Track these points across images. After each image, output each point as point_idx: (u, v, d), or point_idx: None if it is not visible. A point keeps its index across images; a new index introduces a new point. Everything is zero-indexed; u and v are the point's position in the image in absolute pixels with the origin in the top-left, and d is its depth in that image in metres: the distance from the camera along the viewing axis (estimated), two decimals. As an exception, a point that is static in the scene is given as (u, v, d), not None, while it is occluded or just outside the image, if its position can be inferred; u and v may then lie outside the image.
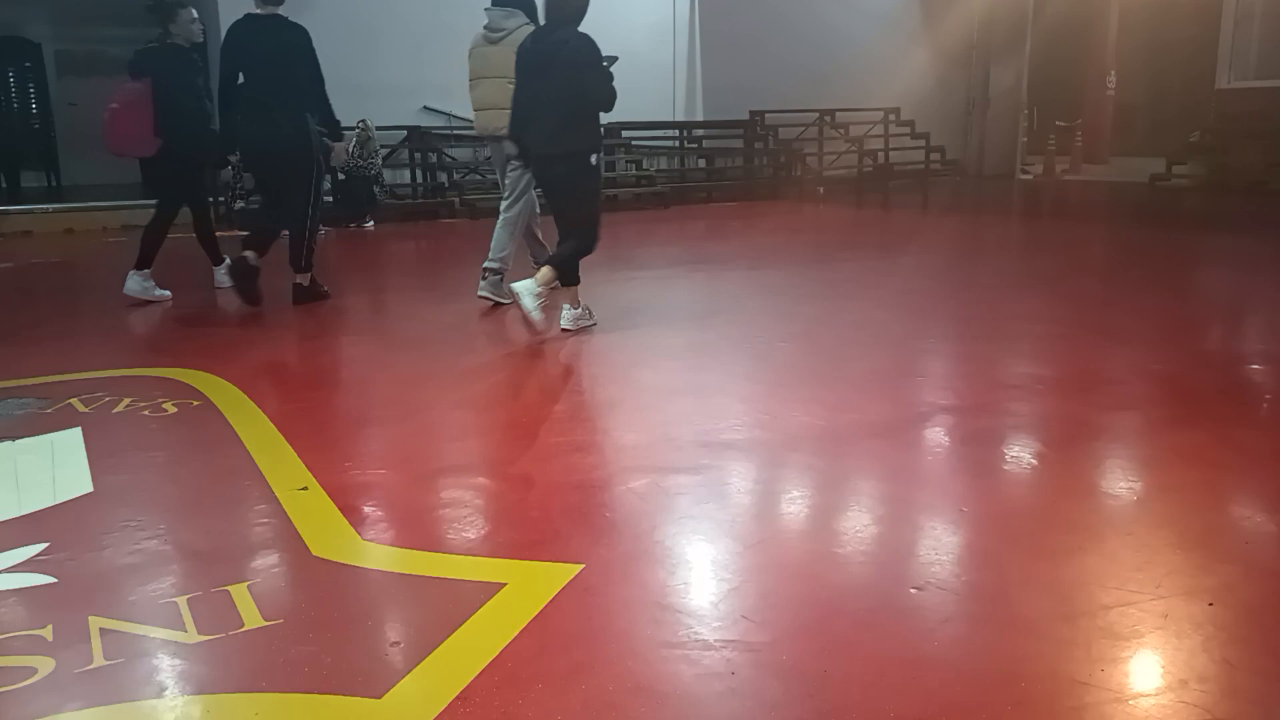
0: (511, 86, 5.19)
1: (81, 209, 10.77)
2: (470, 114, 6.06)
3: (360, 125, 10.54)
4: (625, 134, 12.97)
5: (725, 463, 3.19)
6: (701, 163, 14.20)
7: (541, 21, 5.17)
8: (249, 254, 5.81)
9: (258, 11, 5.66)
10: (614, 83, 4.88)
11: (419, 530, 2.71)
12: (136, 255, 6.36)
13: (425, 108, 11.94)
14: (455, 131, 12.23)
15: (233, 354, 4.81)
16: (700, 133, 14.00)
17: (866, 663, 1.98)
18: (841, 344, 4.98)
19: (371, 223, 10.47)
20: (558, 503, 2.95)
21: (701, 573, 2.43)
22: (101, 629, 2.13)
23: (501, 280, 5.82)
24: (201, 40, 6.45)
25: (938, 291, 6.51)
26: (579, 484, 3.05)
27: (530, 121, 5.04)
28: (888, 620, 2.15)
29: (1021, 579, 2.35)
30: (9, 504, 2.88)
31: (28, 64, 14.02)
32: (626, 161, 13.36)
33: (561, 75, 4.81)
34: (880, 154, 14.42)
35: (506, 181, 5.91)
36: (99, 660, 2.01)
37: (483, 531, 2.72)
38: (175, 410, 3.80)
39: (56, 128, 14.16)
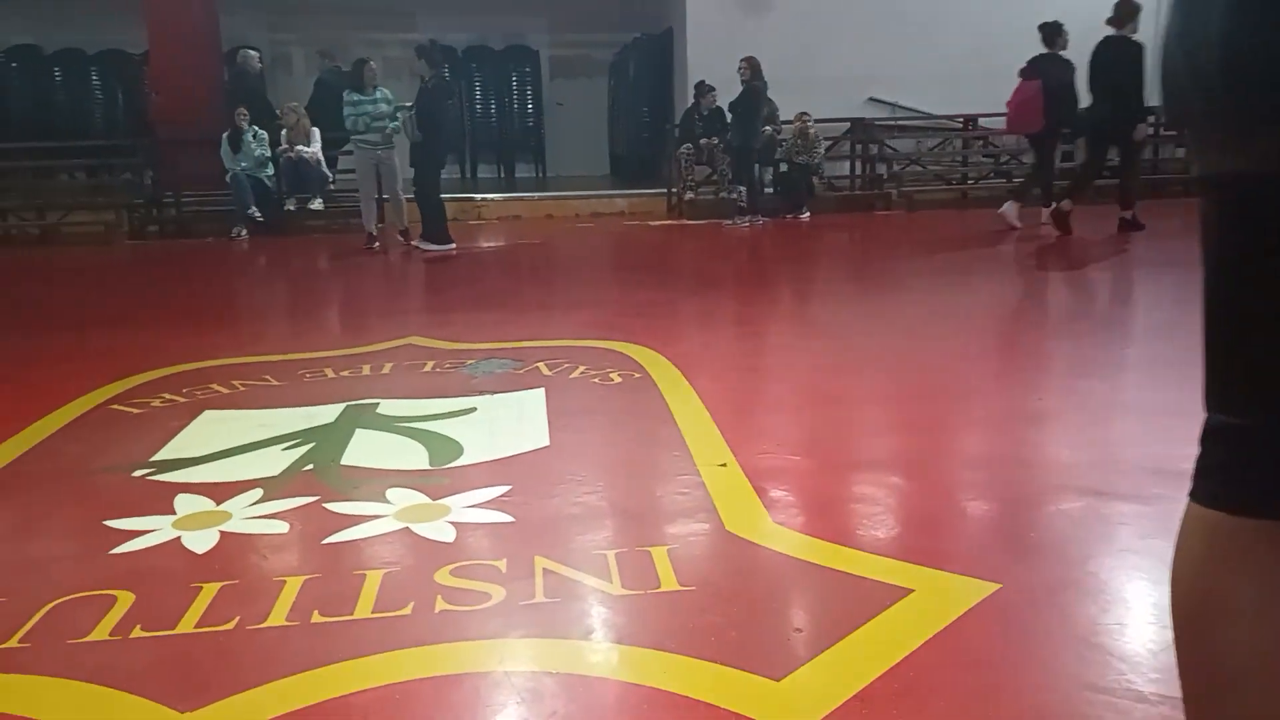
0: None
1: (559, 198, 12.22)
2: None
3: (800, 119, 10.73)
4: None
5: (1182, 495, 2.79)
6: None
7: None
8: (1065, 203, 8.22)
9: (1111, 33, 8.00)
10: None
11: (828, 520, 2.71)
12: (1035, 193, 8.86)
13: (871, 99, 11.87)
14: (900, 122, 12.01)
15: (673, 333, 5.17)
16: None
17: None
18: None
19: (807, 214, 10.65)
20: (977, 514, 2.78)
21: (1141, 615, 2.16)
22: (544, 569, 2.39)
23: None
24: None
25: None
26: (1003, 496, 2.86)
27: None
28: (1390, 713, 1.75)
29: None
30: (486, 448, 3.34)
31: (527, 69, 16.15)
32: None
33: None
34: None
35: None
36: (539, 597, 2.27)
37: (893, 532, 2.65)
38: (620, 381, 4.17)
39: (545, 125, 16.16)
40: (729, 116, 10.57)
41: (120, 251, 9.92)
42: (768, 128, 10.50)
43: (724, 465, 3.09)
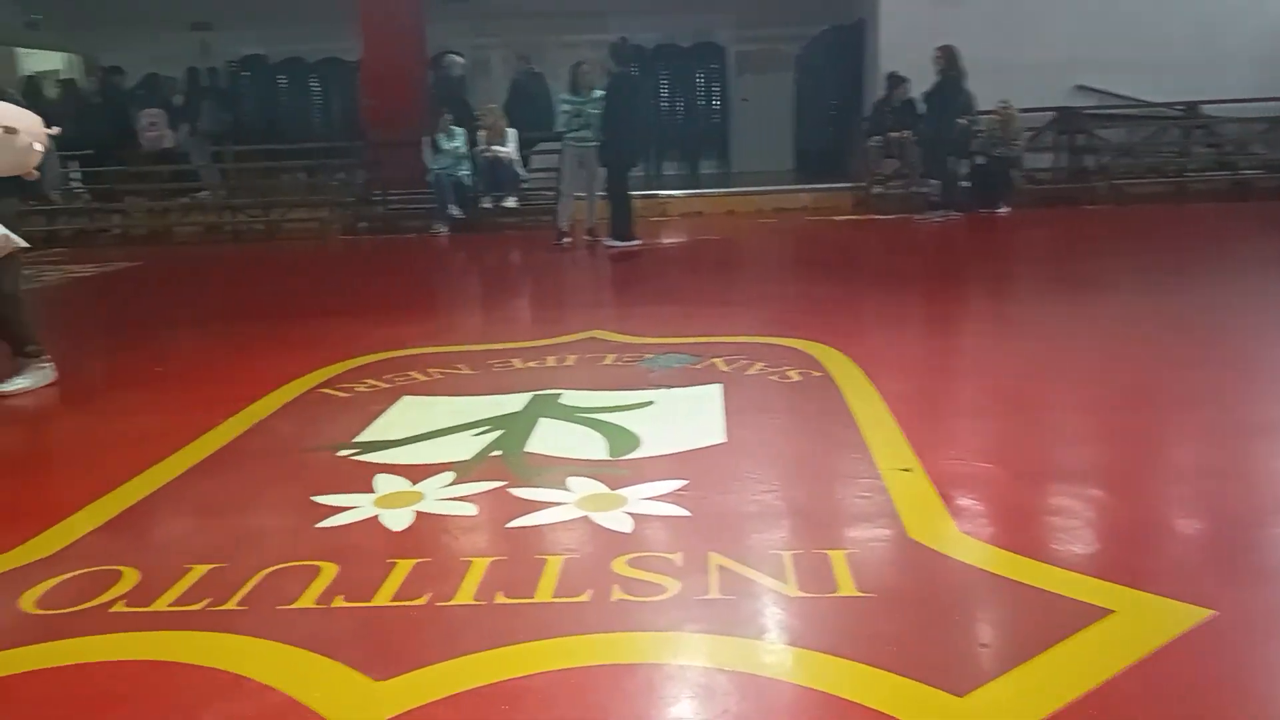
0: None
1: (742, 193, 12.16)
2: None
3: (1001, 106, 10.22)
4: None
5: None
6: None
7: None
8: None
9: None
10: None
11: (1019, 533, 2.57)
12: None
13: (1079, 86, 11.16)
14: (1111, 111, 11.24)
15: (856, 331, 5.05)
16: None
17: None
18: None
19: (1005, 208, 10.14)
20: (1186, 532, 2.57)
21: (1384, 655, 1.93)
22: (719, 566, 2.39)
23: None
24: None
25: None
26: (1218, 514, 2.63)
27: None
28: None
29: None
30: (664, 442, 3.37)
31: (714, 65, 16.16)
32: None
33: None
34: None
35: None
36: (714, 593, 2.26)
37: (1091, 548, 2.49)
38: (799, 379, 4.11)
39: (730, 121, 16.13)
40: (921, 108, 10.20)
41: (333, 247, 10.64)
42: (963, 119, 10.06)
43: (908, 470, 2.99)
